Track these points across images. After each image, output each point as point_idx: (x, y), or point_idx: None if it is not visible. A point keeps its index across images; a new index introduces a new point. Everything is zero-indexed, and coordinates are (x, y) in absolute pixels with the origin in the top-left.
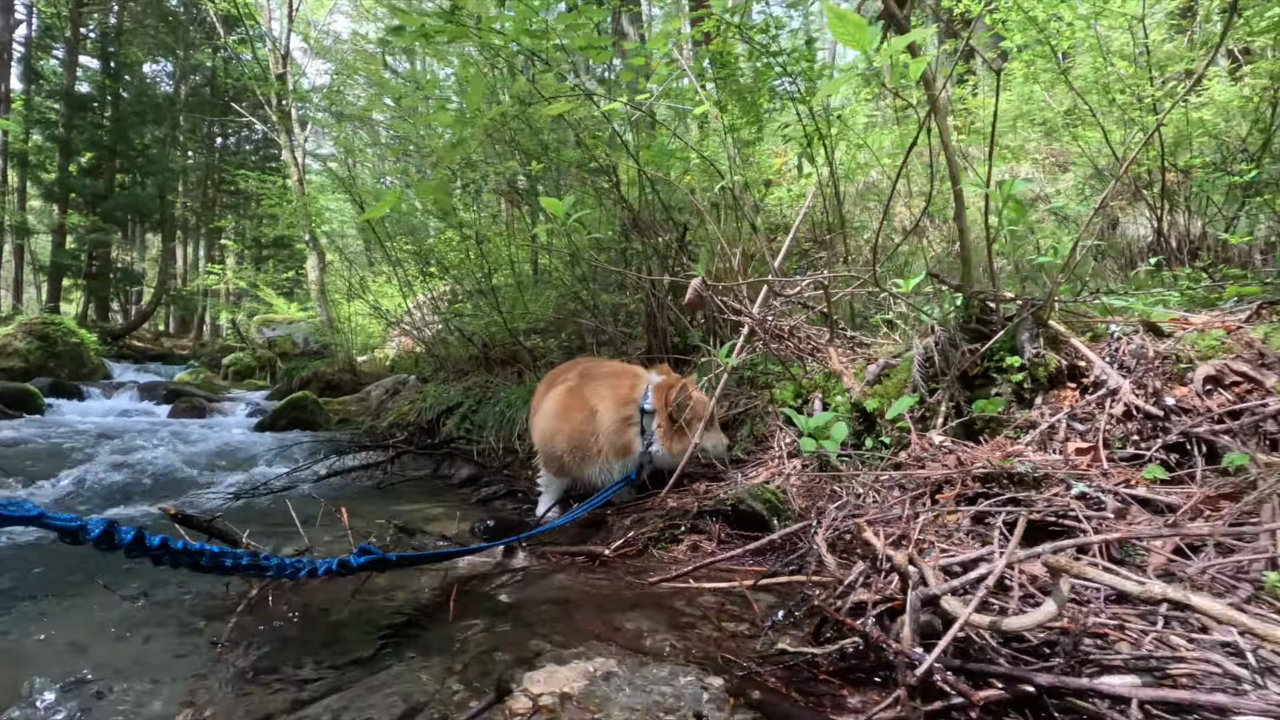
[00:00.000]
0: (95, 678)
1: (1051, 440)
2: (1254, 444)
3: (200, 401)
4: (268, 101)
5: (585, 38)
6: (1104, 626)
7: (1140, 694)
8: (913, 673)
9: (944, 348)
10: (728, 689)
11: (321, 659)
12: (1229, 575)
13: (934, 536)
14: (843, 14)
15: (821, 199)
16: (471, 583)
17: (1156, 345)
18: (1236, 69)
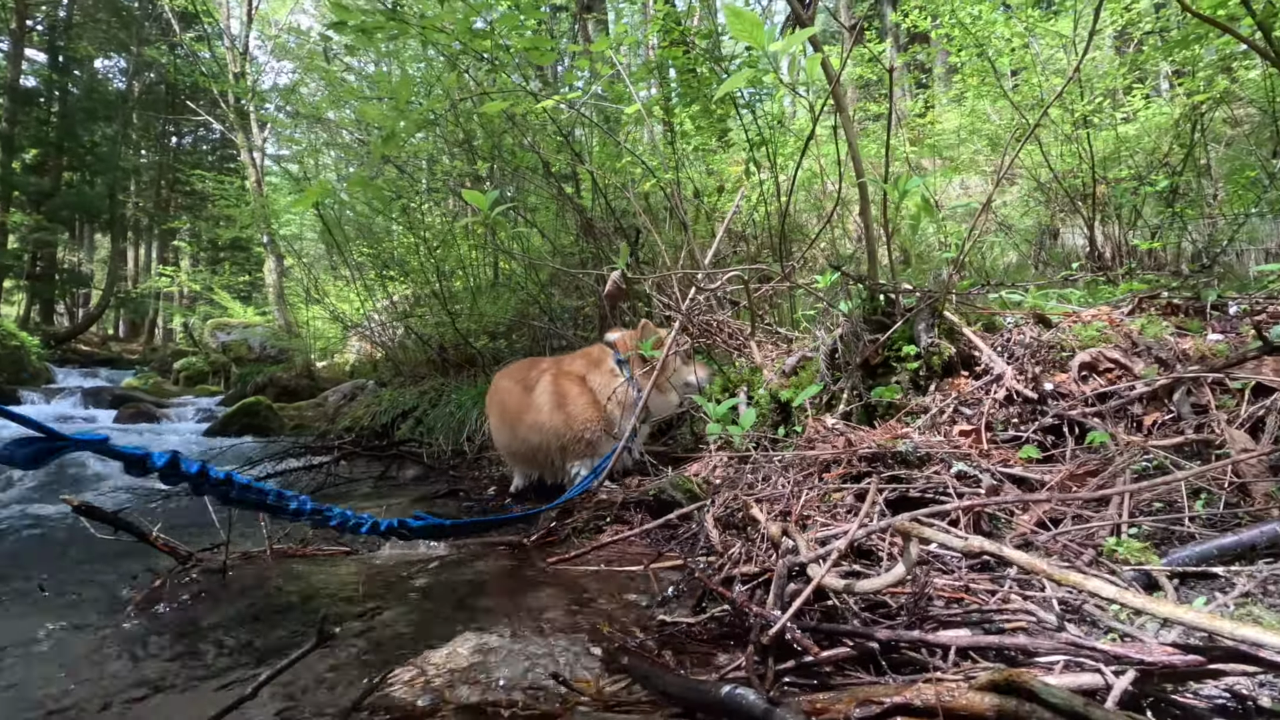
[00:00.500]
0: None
1: (940, 423)
2: (1121, 425)
3: (148, 407)
4: (225, 100)
5: (529, 39)
6: (956, 591)
7: (959, 642)
8: (766, 632)
9: (848, 339)
10: (604, 657)
11: (229, 646)
12: (1078, 542)
13: (818, 513)
14: (739, 11)
15: (765, 205)
16: (391, 571)
17: (1043, 335)
18: (1174, 93)
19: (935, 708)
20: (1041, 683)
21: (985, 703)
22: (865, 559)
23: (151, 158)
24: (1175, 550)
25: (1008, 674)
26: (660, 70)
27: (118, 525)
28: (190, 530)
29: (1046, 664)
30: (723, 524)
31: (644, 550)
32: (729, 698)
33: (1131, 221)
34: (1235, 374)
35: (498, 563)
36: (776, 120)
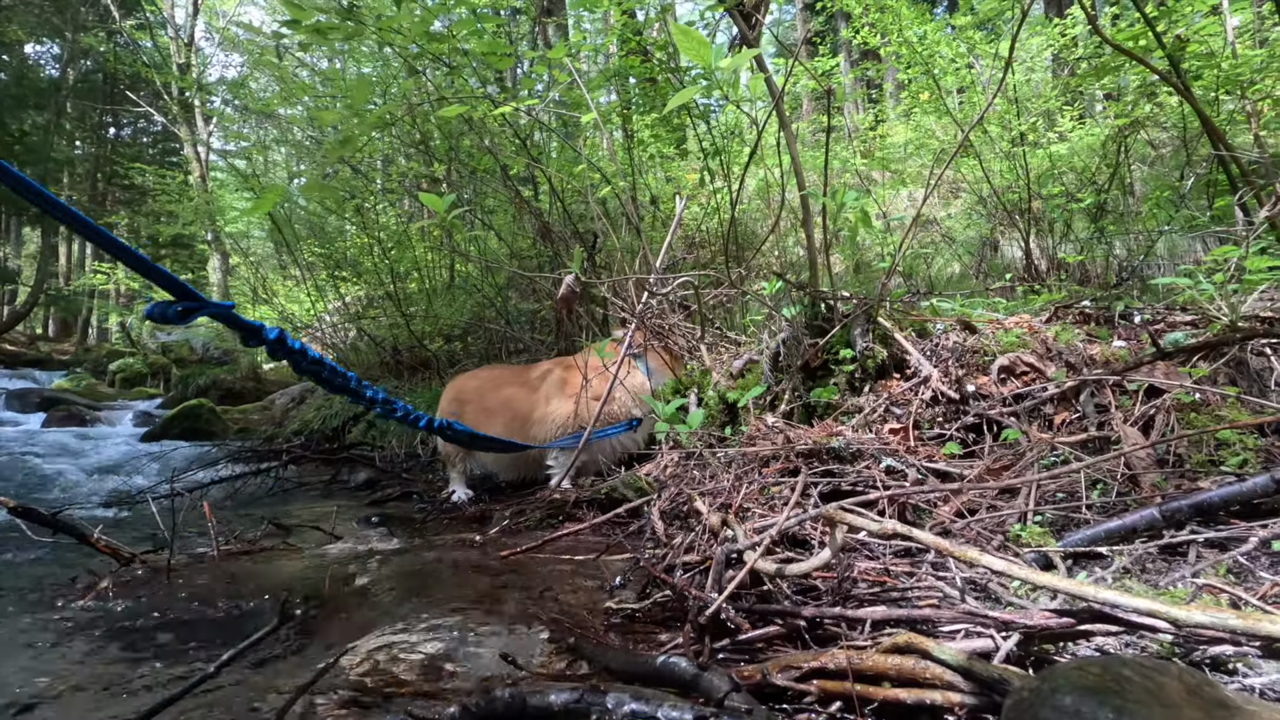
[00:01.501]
0: None
1: (872, 422)
2: (1034, 423)
3: (80, 410)
4: (168, 92)
5: (486, 43)
6: (880, 575)
7: (874, 616)
8: (704, 613)
9: (790, 343)
10: (552, 640)
11: (180, 634)
12: (990, 529)
13: (757, 505)
14: (687, 31)
15: (720, 213)
16: (341, 566)
17: (968, 341)
18: (1104, 115)
19: (846, 669)
20: (935, 643)
21: (888, 663)
22: (800, 548)
23: (87, 149)
24: (1071, 534)
25: (907, 638)
26: (620, 78)
27: (57, 528)
28: (135, 538)
29: (949, 632)
30: (669, 517)
31: (596, 544)
32: (663, 666)
33: (1063, 236)
34: (1133, 377)
35: (450, 555)
36: (731, 131)
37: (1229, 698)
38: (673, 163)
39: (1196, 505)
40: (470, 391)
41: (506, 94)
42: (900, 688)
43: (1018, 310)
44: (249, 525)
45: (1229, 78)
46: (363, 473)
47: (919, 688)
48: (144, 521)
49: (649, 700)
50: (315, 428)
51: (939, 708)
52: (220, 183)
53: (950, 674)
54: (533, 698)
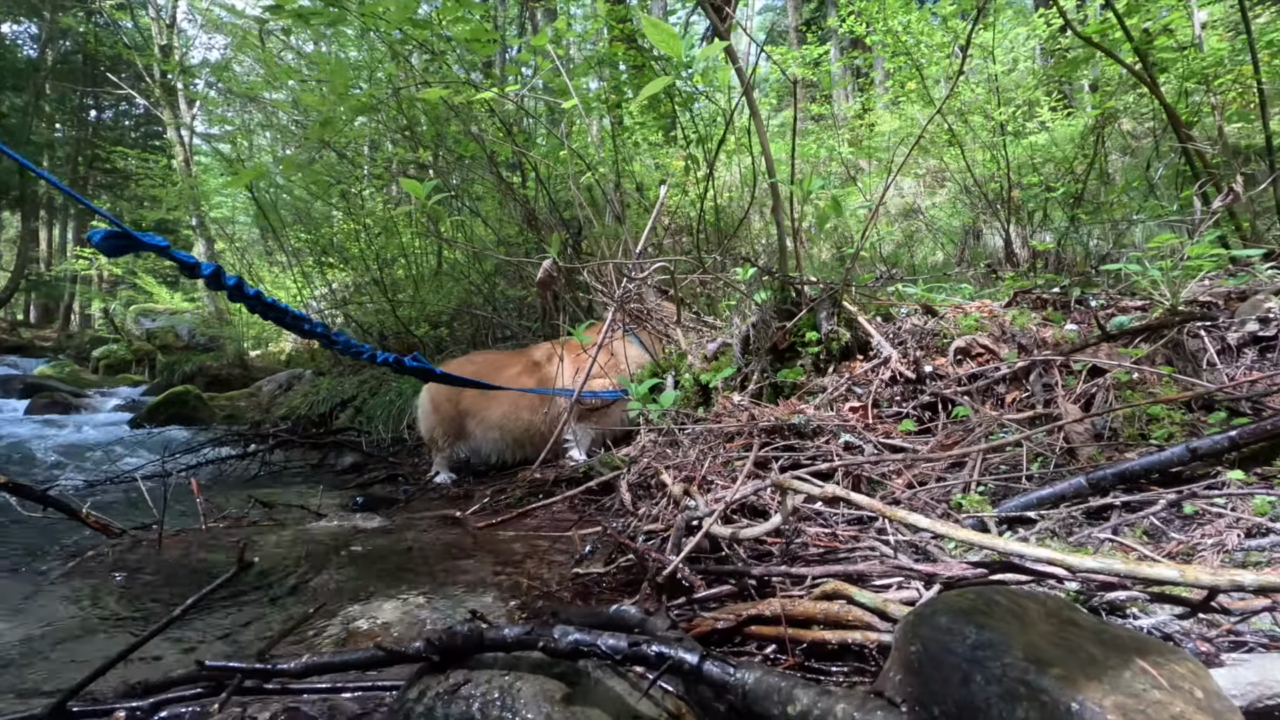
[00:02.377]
0: None
1: (834, 401)
2: (987, 402)
3: (64, 397)
4: (150, 74)
5: (470, 29)
6: (830, 540)
7: (814, 572)
8: (661, 574)
9: (760, 326)
10: (521, 605)
11: (166, 604)
12: (936, 498)
13: (720, 478)
14: (657, 24)
15: (703, 199)
16: (325, 541)
17: (928, 324)
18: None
19: (780, 615)
20: (856, 589)
21: (817, 608)
22: (760, 517)
23: (67, 132)
24: (1008, 501)
25: (834, 586)
26: (607, 64)
27: (46, 503)
28: (129, 511)
29: (882, 585)
30: (637, 489)
31: (572, 520)
32: (614, 615)
33: (1041, 224)
34: (1078, 358)
35: (430, 533)
36: (714, 118)
37: (1081, 619)
38: (660, 150)
39: (1120, 473)
40: (470, 375)
41: (492, 80)
42: (827, 630)
43: (981, 295)
44: (236, 505)
45: (1195, 71)
46: (349, 457)
47: (843, 629)
48: (129, 503)
49: (589, 632)
50: (302, 413)
51: (859, 645)
52: (204, 167)
53: (869, 615)
54: (489, 632)
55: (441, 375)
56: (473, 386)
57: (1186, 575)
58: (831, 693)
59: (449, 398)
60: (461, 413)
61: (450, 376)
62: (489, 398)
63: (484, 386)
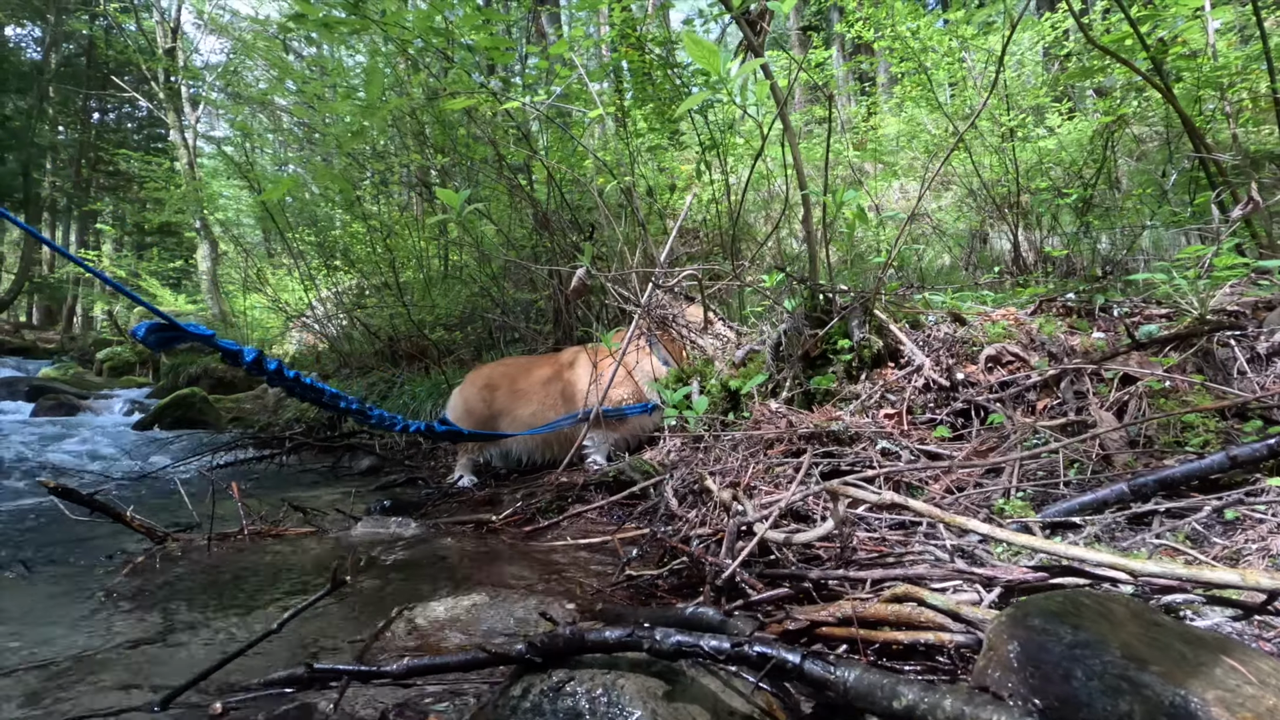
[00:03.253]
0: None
1: (868, 408)
2: (1018, 409)
3: (69, 398)
4: (154, 77)
5: (490, 38)
6: (877, 545)
7: (873, 576)
8: (720, 577)
9: (791, 333)
10: (579, 608)
11: (227, 609)
12: (976, 504)
13: (763, 483)
14: (698, 40)
15: (717, 204)
16: (364, 548)
17: (957, 332)
18: (1094, 109)
19: (851, 616)
20: (928, 592)
21: (888, 610)
22: (803, 521)
23: (71, 134)
24: (1049, 507)
25: (905, 588)
26: (616, 71)
27: (94, 507)
28: (161, 514)
29: (940, 588)
30: (679, 495)
31: (606, 526)
32: (692, 616)
33: (1050, 229)
34: (1109, 366)
35: (467, 540)
36: (728, 124)
37: (1163, 619)
38: (667, 153)
39: (1161, 480)
40: (500, 377)
41: (511, 88)
42: (899, 630)
43: (1005, 303)
44: (265, 508)
45: (1209, 78)
46: (365, 460)
47: (915, 630)
48: (152, 503)
49: (690, 634)
50: (311, 416)
51: (931, 646)
52: (209, 170)
53: (942, 617)
54: (590, 634)
55: (470, 435)
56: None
57: (1247, 579)
58: (937, 687)
59: (482, 399)
60: (495, 413)
61: (479, 435)
62: (519, 397)
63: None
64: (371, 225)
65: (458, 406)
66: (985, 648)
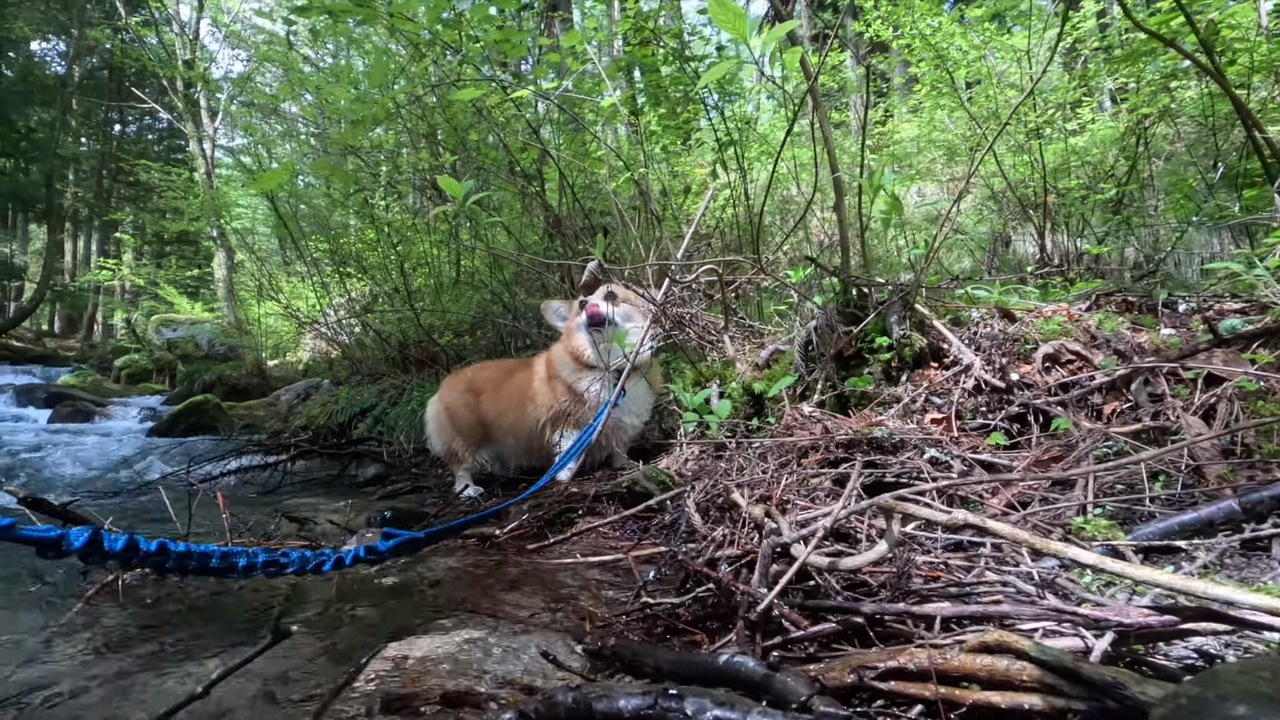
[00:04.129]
0: None
1: (912, 412)
2: (1082, 413)
3: (87, 405)
4: (173, 89)
5: (500, 31)
6: (934, 570)
7: (943, 612)
8: (753, 609)
9: (823, 331)
10: (586, 648)
11: (193, 639)
12: (1046, 522)
13: (798, 497)
14: (724, 2)
15: (734, 206)
16: (357, 569)
17: (1007, 329)
18: (1116, 110)
19: (928, 670)
20: (1032, 642)
21: (977, 664)
22: (843, 541)
23: (92, 146)
24: (1139, 527)
25: (998, 637)
26: (627, 71)
27: (66, 518)
28: (145, 527)
29: (1028, 630)
30: (702, 510)
31: (618, 540)
32: (727, 666)
33: (1079, 230)
34: (1189, 365)
35: (469, 558)
36: (745, 122)
37: None
38: (679, 157)
39: (1278, 496)
40: (484, 381)
41: (520, 80)
42: (991, 690)
43: (1055, 299)
44: (260, 518)
45: (1263, 63)
46: (371, 468)
47: (1013, 690)
48: (152, 513)
49: (734, 706)
50: (321, 423)
51: (1037, 713)
52: (225, 179)
53: (1053, 677)
54: (599, 702)
55: (427, 537)
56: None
57: None
58: None
59: (465, 403)
60: (482, 418)
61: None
62: (500, 400)
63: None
64: (382, 230)
65: (438, 415)
66: None
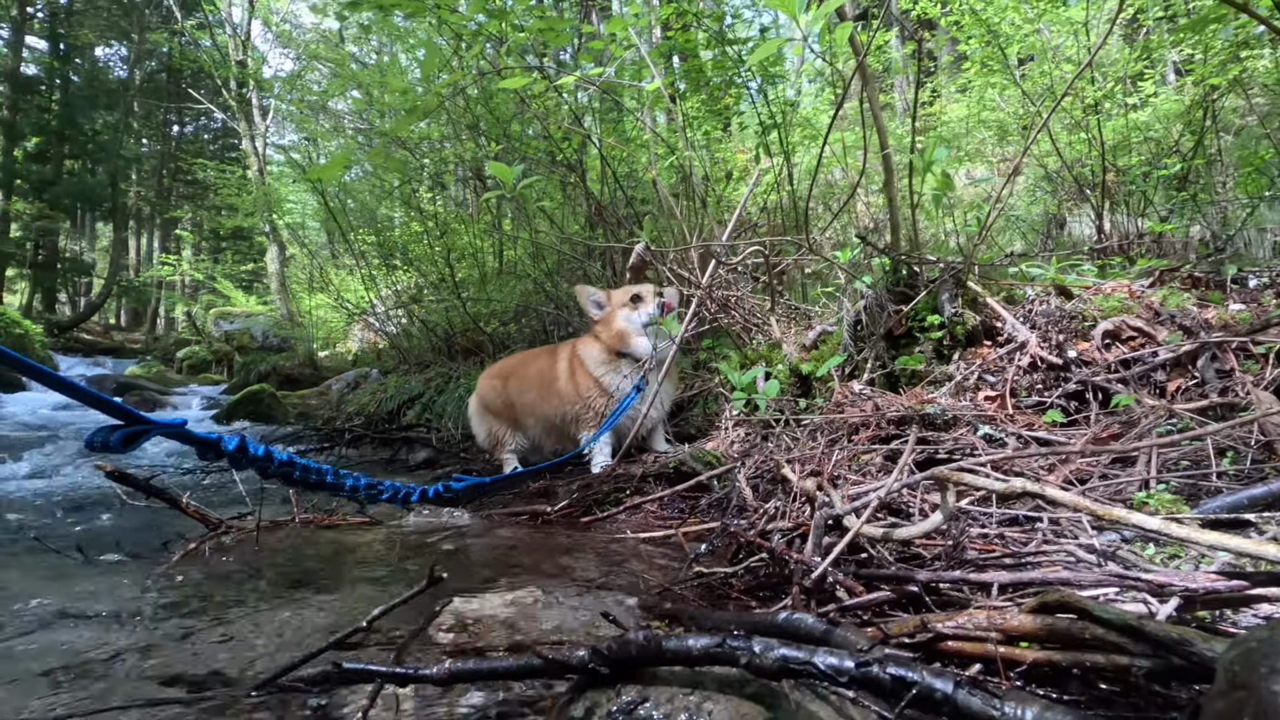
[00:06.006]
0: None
1: (965, 390)
2: (1145, 390)
3: (153, 395)
4: (227, 89)
5: (544, 20)
6: (989, 543)
7: (1001, 579)
8: (808, 577)
9: (872, 310)
10: (642, 604)
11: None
12: (1107, 498)
13: (849, 472)
14: None
15: (778, 190)
16: (418, 538)
17: (1064, 306)
18: (1181, 83)
19: (987, 631)
20: (1092, 600)
21: (1037, 623)
22: (894, 515)
23: (153, 146)
24: (1206, 502)
25: (1059, 596)
26: (666, 58)
27: (149, 492)
28: (218, 502)
29: (1090, 596)
30: (751, 486)
31: (667, 520)
32: (786, 623)
33: (1140, 209)
34: (1260, 339)
35: (522, 530)
36: (790, 105)
37: None
38: (718, 143)
39: None
40: (510, 367)
41: (563, 68)
42: (1050, 649)
43: (1115, 276)
44: (322, 498)
45: None
46: (421, 452)
47: (1074, 649)
48: (217, 494)
49: (800, 647)
50: (371, 411)
51: (1098, 670)
52: (276, 176)
53: (1115, 635)
54: (670, 641)
55: (492, 483)
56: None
57: None
58: None
59: (494, 389)
60: (509, 401)
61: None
62: (524, 384)
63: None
64: (428, 223)
65: (475, 404)
66: (1227, 687)
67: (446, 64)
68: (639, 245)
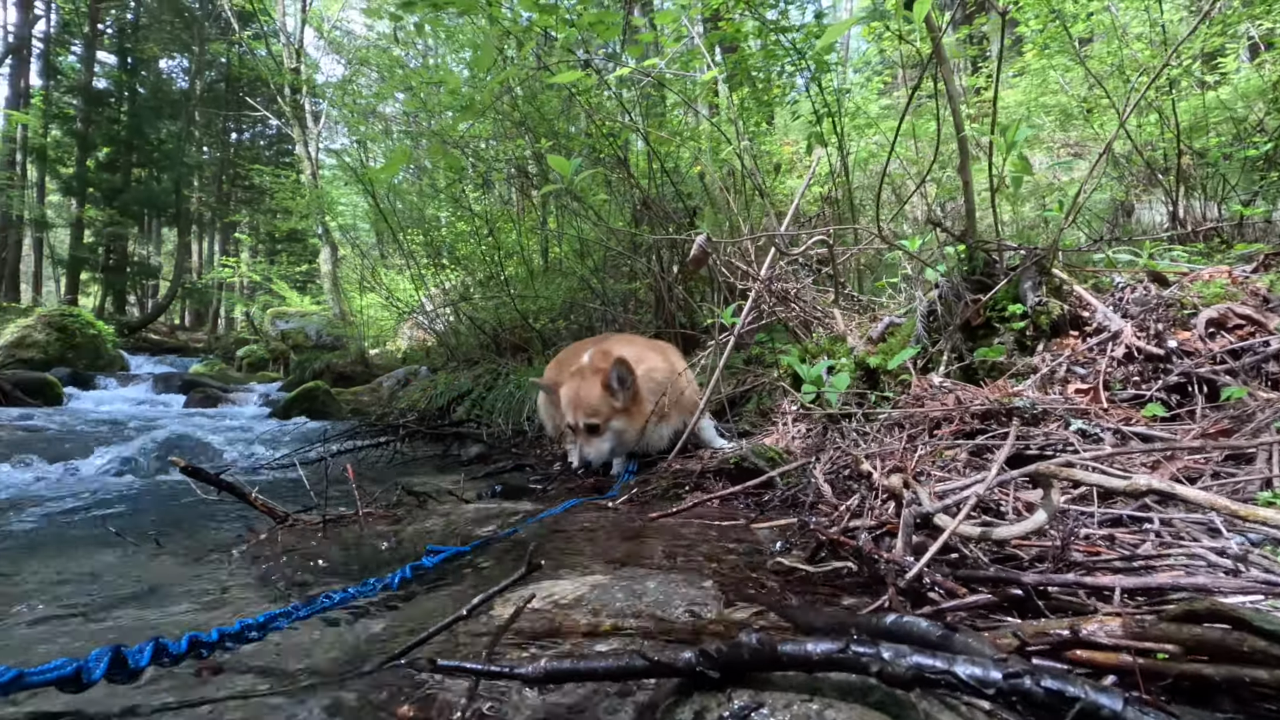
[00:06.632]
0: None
1: (1052, 383)
2: (1256, 381)
3: (215, 392)
4: (281, 95)
5: (594, 13)
6: (1093, 545)
7: (1123, 583)
8: (903, 576)
9: (947, 299)
10: (721, 589)
11: (342, 580)
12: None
13: (932, 469)
14: None
15: (834, 182)
16: (476, 525)
17: (1160, 293)
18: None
19: (1121, 640)
20: (1253, 609)
21: (1184, 633)
22: (986, 514)
23: (213, 154)
24: None
25: (1209, 604)
26: (710, 51)
27: (220, 486)
28: (284, 498)
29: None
30: (828, 483)
31: (730, 518)
32: (897, 626)
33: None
34: None
35: (585, 517)
36: (844, 91)
37: None
38: (764, 137)
39: None
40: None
41: (614, 60)
42: (1199, 662)
43: (1214, 262)
44: (380, 491)
45: None
46: (474, 447)
47: (1229, 662)
48: (280, 486)
49: (936, 655)
50: (423, 406)
51: (1258, 686)
52: (328, 179)
53: (1273, 646)
54: (786, 645)
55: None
56: None
57: None
58: None
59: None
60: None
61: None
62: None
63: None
64: (476, 222)
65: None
66: None
67: (495, 63)
68: (700, 237)
